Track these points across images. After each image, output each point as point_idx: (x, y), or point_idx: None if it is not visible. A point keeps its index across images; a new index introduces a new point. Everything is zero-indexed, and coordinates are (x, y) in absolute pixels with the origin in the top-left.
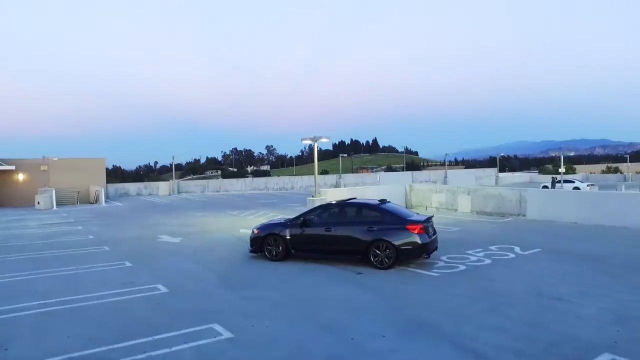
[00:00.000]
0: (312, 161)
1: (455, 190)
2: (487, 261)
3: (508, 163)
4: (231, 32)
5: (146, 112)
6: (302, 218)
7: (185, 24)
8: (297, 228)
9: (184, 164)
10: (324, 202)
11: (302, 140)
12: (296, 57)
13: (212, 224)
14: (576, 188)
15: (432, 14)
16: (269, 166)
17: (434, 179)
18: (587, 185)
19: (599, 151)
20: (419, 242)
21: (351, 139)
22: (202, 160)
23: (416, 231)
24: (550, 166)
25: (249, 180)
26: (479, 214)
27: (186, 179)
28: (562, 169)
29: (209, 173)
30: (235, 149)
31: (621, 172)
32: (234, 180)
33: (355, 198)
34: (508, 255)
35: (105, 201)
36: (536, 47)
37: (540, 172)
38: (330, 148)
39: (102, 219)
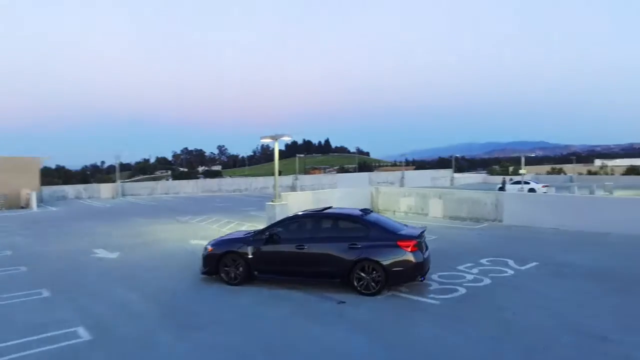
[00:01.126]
0: (265, 161)
1: (426, 194)
2: (486, 280)
3: (457, 164)
4: (182, 28)
5: (91, 110)
6: (267, 232)
7: (131, 16)
8: (262, 244)
9: (133, 163)
10: (285, 206)
11: (261, 139)
12: (249, 56)
13: (158, 233)
14: (532, 189)
15: (385, 15)
16: (220, 166)
17: (391, 180)
18: (543, 187)
19: (538, 153)
20: (413, 261)
21: (304, 140)
22: (152, 160)
23: (409, 249)
24: (497, 166)
25: (200, 181)
26: (452, 219)
27: (133, 180)
28: (523, 170)
29: (159, 173)
30: (186, 148)
31: (565, 173)
32: (184, 182)
33: (330, 207)
34: (506, 271)
35: (38, 206)
36: (479, 53)
37: (489, 173)
38: (283, 148)
39: (28, 228)
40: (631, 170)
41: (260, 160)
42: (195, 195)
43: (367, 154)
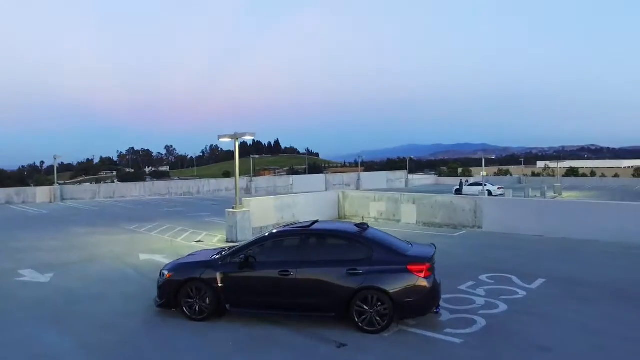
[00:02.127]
0: (214, 162)
1: (398, 199)
2: (502, 306)
3: (405, 165)
4: (131, 24)
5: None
6: (241, 254)
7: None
8: (234, 269)
9: (75, 164)
10: (246, 214)
11: (219, 138)
12: (198, 56)
13: (101, 246)
14: (489, 192)
15: (336, 15)
16: (168, 167)
17: (347, 182)
18: (498, 188)
19: (480, 154)
20: (428, 289)
21: (253, 140)
22: (96, 161)
23: (423, 274)
24: (445, 168)
25: (148, 184)
26: (426, 226)
27: (74, 181)
28: (483, 172)
29: (103, 174)
30: (132, 148)
31: (511, 175)
32: (131, 185)
33: (317, 221)
34: (516, 292)
35: None
36: (423, 55)
37: (438, 175)
38: (232, 148)
39: None
40: (571, 172)
41: (209, 161)
42: (143, 199)
43: (317, 154)
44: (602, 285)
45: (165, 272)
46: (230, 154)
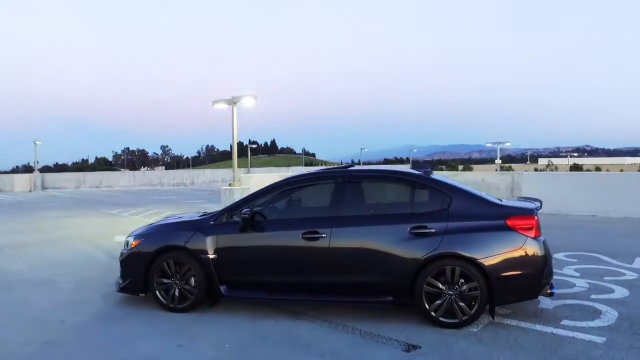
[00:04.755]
0: (210, 162)
1: None
2: (619, 290)
3: (403, 164)
4: (125, 24)
5: (24, 108)
6: (245, 208)
7: (71, 8)
8: (234, 233)
9: (70, 164)
10: (246, 192)
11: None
12: (194, 54)
13: (71, 229)
14: None
15: (334, 14)
16: (164, 167)
17: None
18: None
19: (476, 155)
20: (540, 256)
21: (250, 140)
22: (91, 160)
23: (533, 232)
24: (444, 167)
25: (139, 173)
26: None
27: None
28: (498, 161)
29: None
30: (128, 148)
31: (514, 171)
32: (119, 174)
33: (352, 165)
34: (621, 272)
35: None
36: (423, 59)
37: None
38: (228, 149)
39: None
40: (575, 168)
41: (205, 161)
42: (133, 189)
43: (313, 155)
44: None
45: (131, 240)
46: (226, 154)
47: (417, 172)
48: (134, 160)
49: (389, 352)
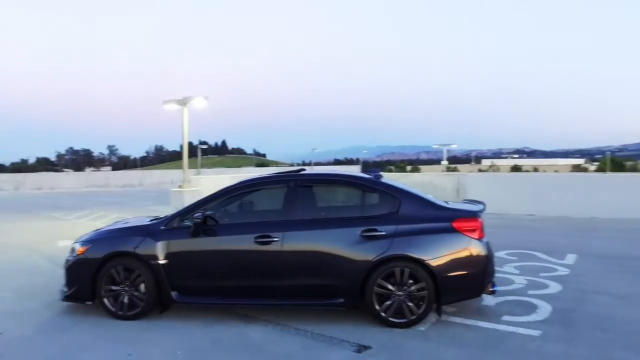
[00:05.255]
0: (158, 162)
1: None
2: (553, 285)
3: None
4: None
5: None
6: (197, 213)
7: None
8: (184, 237)
9: (7, 164)
10: (197, 194)
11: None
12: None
13: (10, 234)
14: None
15: (286, 15)
16: (110, 167)
17: None
18: None
19: (423, 156)
20: (484, 256)
21: (200, 140)
22: (32, 161)
23: (477, 234)
24: (393, 167)
25: (84, 175)
26: None
27: None
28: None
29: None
30: (72, 148)
31: (459, 172)
32: (62, 175)
33: (304, 169)
34: (554, 268)
35: None
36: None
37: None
38: (177, 149)
39: None
40: (516, 168)
41: (154, 161)
42: (78, 191)
43: (264, 155)
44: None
45: (78, 246)
46: (176, 155)
47: (367, 176)
48: (79, 160)
49: (341, 354)
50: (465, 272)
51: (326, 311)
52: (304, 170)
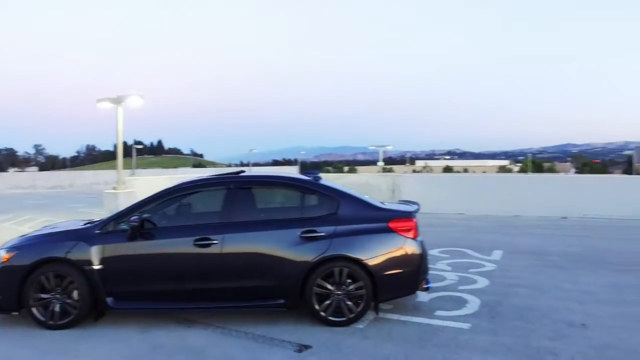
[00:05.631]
0: (90, 163)
1: None
2: (481, 280)
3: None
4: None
5: None
6: (133, 216)
7: None
8: (121, 241)
9: None
10: (132, 195)
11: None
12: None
13: None
14: None
15: (225, 13)
16: (37, 168)
17: None
18: None
19: (360, 157)
20: (418, 255)
21: (135, 140)
22: None
23: (411, 234)
24: (330, 168)
25: (7, 175)
26: None
27: None
28: (381, 162)
29: None
30: None
31: (394, 172)
32: None
33: (243, 171)
34: (482, 264)
35: None
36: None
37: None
38: (111, 148)
39: None
40: (447, 169)
41: (85, 161)
42: (1, 193)
43: (201, 155)
44: (563, 254)
45: (3, 253)
46: (109, 155)
47: (306, 177)
48: (0, 160)
49: (282, 354)
50: (401, 270)
51: (267, 313)
52: (243, 172)
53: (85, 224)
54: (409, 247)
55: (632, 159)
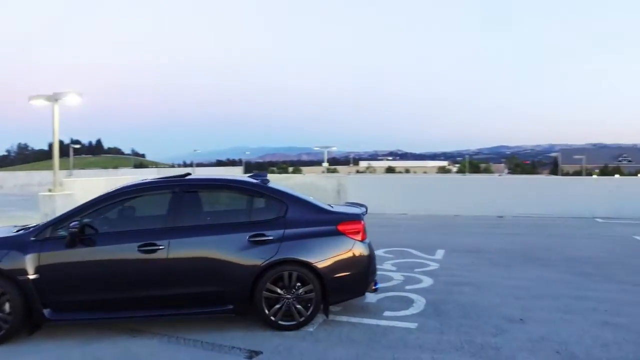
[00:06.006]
0: (21, 162)
1: None
2: (426, 279)
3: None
4: None
5: None
6: (72, 222)
7: None
8: (59, 249)
9: None
10: (70, 197)
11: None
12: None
13: None
14: None
15: (168, 11)
16: None
17: None
18: None
19: (304, 157)
20: (366, 256)
21: (72, 139)
22: None
23: (360, 236)
24: (275, 169)
25: None
26: None
27: None
28: (325, 164)
29: None
30: None
31: (339, 173)
32: None
33: (189, 174)
34: (426, 264)
35: None
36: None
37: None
38: (45, 147)
39: None
40: (390, 170)
41: (16, 161)
42: None
43: (143, 155)
44: (499, 252)
45: None
46: (43, 154)
47: (254, 180)
48: None
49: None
50: (350, 272)
51: (215, 319)
52: (189, 174)
53: (18, 231)
54: (358, 250)
55: (558, 160)
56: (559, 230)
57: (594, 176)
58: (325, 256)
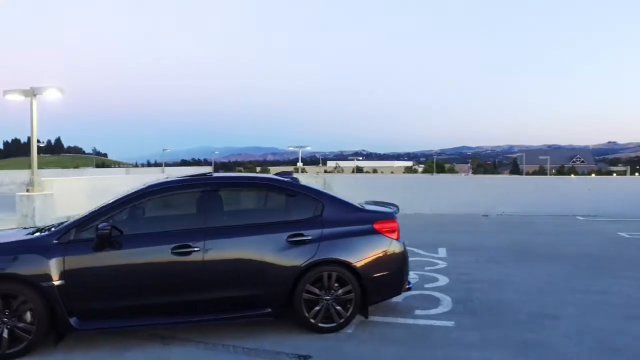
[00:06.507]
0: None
1: None
2: (442, 278)
3: (198, 165)
4: None
5: None
6: (100, 222)
7: None
8: (85, 252)
9: None
10: (49, 198)
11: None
12: None
13: None
14: None
15: (133, 10)
16: None
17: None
18: None
19: (270, 157)
20: (402, 256)
21: (28, 138)
22: None
23: (395, 235)
24: (242, 168)
25: None
26: None
27: None
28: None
29: None
30: None
31: (306, 172)
32: None
33: (210, 173)
34: (435, 262)
35: None
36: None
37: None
38: (1, 147)
39: None
40: (358, 170)
41: None
42: None
43: (105, 155)
44: (497, 249)
45: None
46: (10, 151)
47: (286, 178)
48: None
49: None
50: (388, 271)
51: (246, 324)
52: (210, 173)
53: (33, 233)
54: (394, 248)
55: (518, 161)
56: (546, 228)
57: (573, 176)
58: (364, 255)
